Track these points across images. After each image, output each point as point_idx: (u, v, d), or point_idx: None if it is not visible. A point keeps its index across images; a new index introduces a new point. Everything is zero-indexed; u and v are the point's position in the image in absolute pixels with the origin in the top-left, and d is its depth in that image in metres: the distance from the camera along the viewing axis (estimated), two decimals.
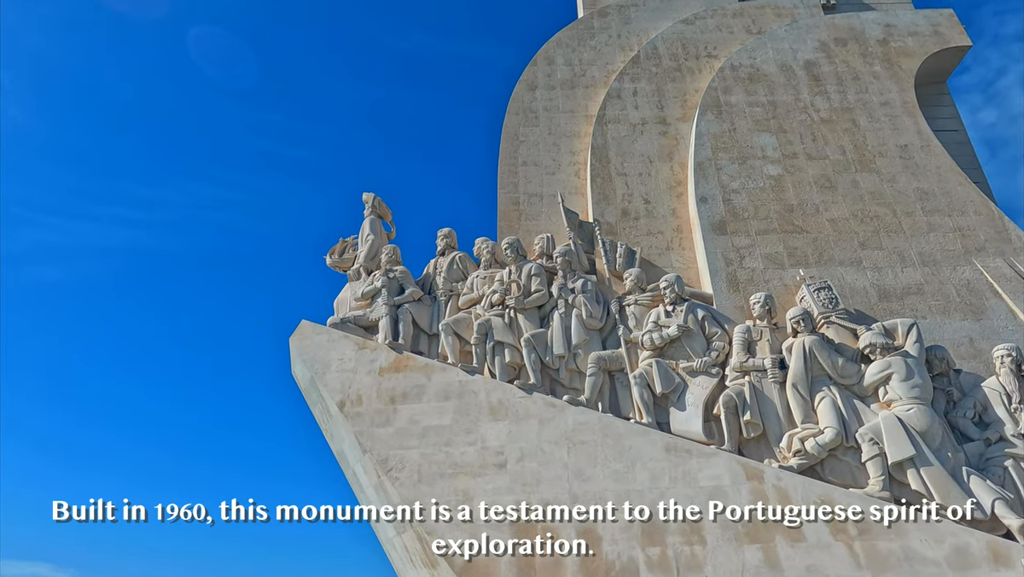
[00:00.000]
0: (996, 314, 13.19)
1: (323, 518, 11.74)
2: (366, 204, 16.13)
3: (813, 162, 15.58)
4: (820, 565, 9.85)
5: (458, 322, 13.57)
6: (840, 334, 12.38)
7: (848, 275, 13.78)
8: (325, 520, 12.33)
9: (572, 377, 12.83)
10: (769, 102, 16.65)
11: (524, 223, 15.57)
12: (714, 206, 14.79)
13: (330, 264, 15.64)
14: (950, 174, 15.28)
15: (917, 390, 11.25)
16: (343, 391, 12.79)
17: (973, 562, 9.68)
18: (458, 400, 12.37)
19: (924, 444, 10.75)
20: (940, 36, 17.95)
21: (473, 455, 11.64)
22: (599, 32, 19.01)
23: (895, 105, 16.57)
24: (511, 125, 17.22)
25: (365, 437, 12.13)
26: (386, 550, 13.26)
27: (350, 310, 14.44)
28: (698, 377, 12.24)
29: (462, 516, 10.90)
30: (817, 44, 17.80)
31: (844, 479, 11.02)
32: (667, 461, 11.14)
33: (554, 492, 11.01)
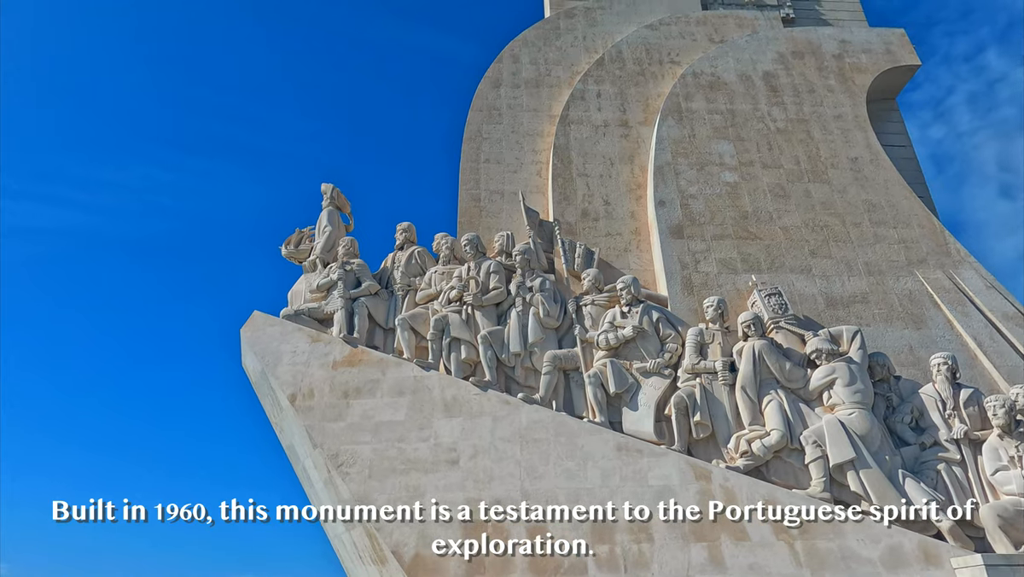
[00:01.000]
0: (935, 324, 13.74)
1: (323, 518, 11.70)
2: (324, 195, 15.88)
3: (768, 171, 15.96)
4: (762, 563, 10.11)
5: (415, 317, 13.47)
6: (788, 339, 12.73)
7: (798, 282, 14.17)
8: (325, 520, 12.18)
9: (527, 375, 12.88)
10: (728, 110, 16.99)
11: (484, 220, 15.55)
12: (672, 210, 15.02)
13: (285, 255, 15.34)
14: (897, 188, 15.85)
15: (859, 395, 11.64)
16: (295, 384, 12.56)
17: (906, 561, 10.07)
18: (412, 396, 12.28)
19: (864, 447, 11.13)
20: (892, 54, 18.58)
21: (426, 451, 11.58)
22: (565, 33, 19.10)
23: (847, 119, 17.10)
24: (474, 122, 17.17)
25: (316, 431, 11.94)
26: (335, 547, 13.09)
27: (304, 302, 14.20)
28: (651, 378, 12.43)
29: (413, 512, 10.84)
30: (776, 56, 18.24)
31: (788, 480, 11.33)
32: (618, 460, 11.28)
33: (506, 489, 11.03)
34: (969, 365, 13.01)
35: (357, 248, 14.83)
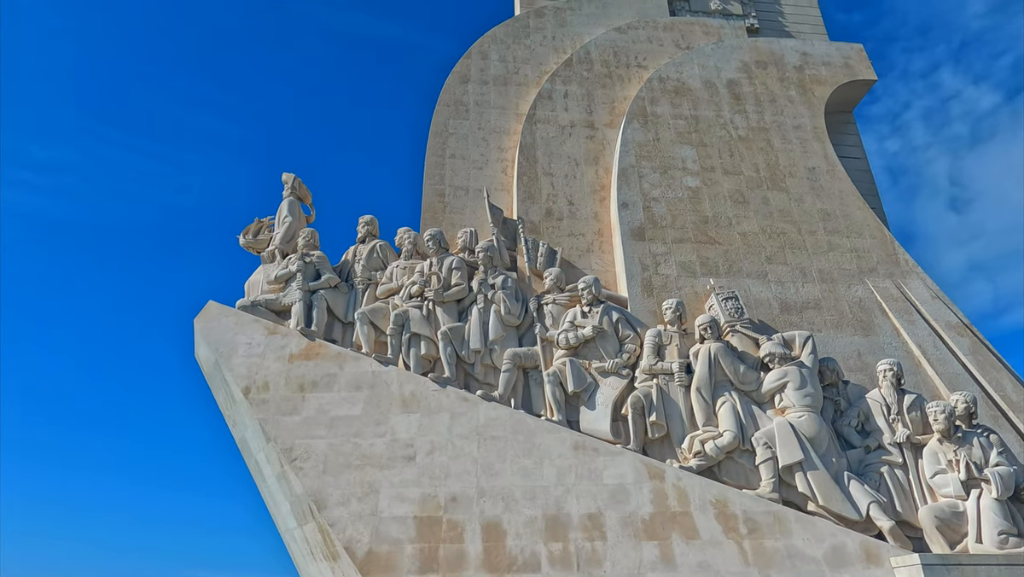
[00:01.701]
0: (883, 331, 14.20)
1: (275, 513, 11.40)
2: (285, 184, 15.61)
3: (729, 177, 16.26)
4: (711, 562, 10.32)
5: (375, 312, 13.34)
6: (743, 342, 13.00)
7: (754, 287, 14.48)
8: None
9: (487, 372, 12.87)
10: (692, 116, 17.25)
11: (448, 216, 15.47)
12: (634, 212, 15.19)
13: (243, 244, 15.02)
14: (851, 198, 16.32)
15: (809, 399, 11.97)
16: (249, 377, 12.32)
17: (848, 560, 10.39)
18: (370, 391, 12.16)
19: (812, 449, 11.45)
20: (850, 68, 19.12)
21: (382, 447, 11.48)
22: (534, 32, 19.12)
23: (806, 129, 17.53)
24: (441, 117, 17.06)
25: (270, 425, 11.73)
26: (286, 542, 12.88)
27: (261, 293, 13.93)
28: (609, 377, 12.55)
29: (367, 508, 10.75)
30: (740, 65, 18.58)
31: (738, 480, 11.58)
32: (574, 458, 11.36)
33: (462, 486, 11.01)
34: (913, 372, 13.50)
35: (317, 240, 14.60)
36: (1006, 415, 12.92)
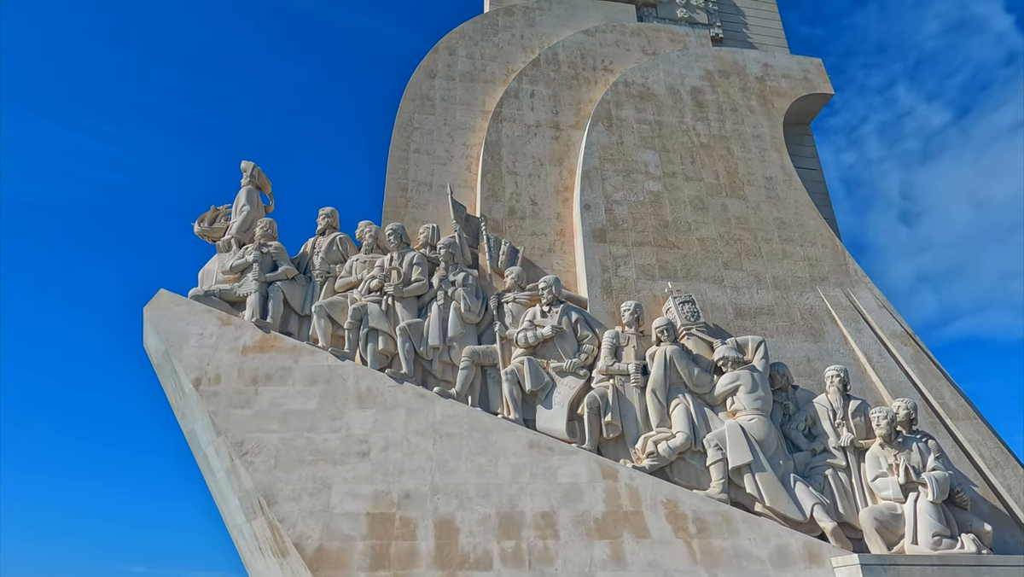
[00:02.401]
0: (831, 338, 14.65)
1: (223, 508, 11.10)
2: (244, 172, 15.27)
3: (690, 183, 16.54)
4: (660, 561, 10.49)
5: (332, 305, 13.16)
6: (698, 346, 13.24)
7: (710, 292, 14.77)
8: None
9: (445, 369, 12.83)
10: (656, 121, 17.49)
11: (410, 211, 15.36)
12: (596, 214, 15.32)
13: (198, 232, 14.64)
14: (805, 208, 16.78)
15: (760, 402, 12.27)
16: (200, 368, 12.02)
17: (792, 560, 10.69)
18: (325, 385, 12.00)
19: (761, 452, 11.74)
20: (809, 82, 19.64)
21: (336, 442, 11.34)
22: (503, 30, 19.11)
23: (765, 139, 17.95)
24: (406, 111, 16.92)
25: (221, 418, 11.47)
26: (233, 538, 12.62)
27: (216, 283, 13.60)
28: (566, 377, 12.64)
29: (319, 504, 10.60)
30: (704, 73, 18.91)
31: (690, 481, 11.79)
32: (530, 457, 11.41)
33: (416, 483, 10.95)
34: (859, 378, 13.96)
35: (276, 230, 14.34)
36: (944, 422, 13.47)
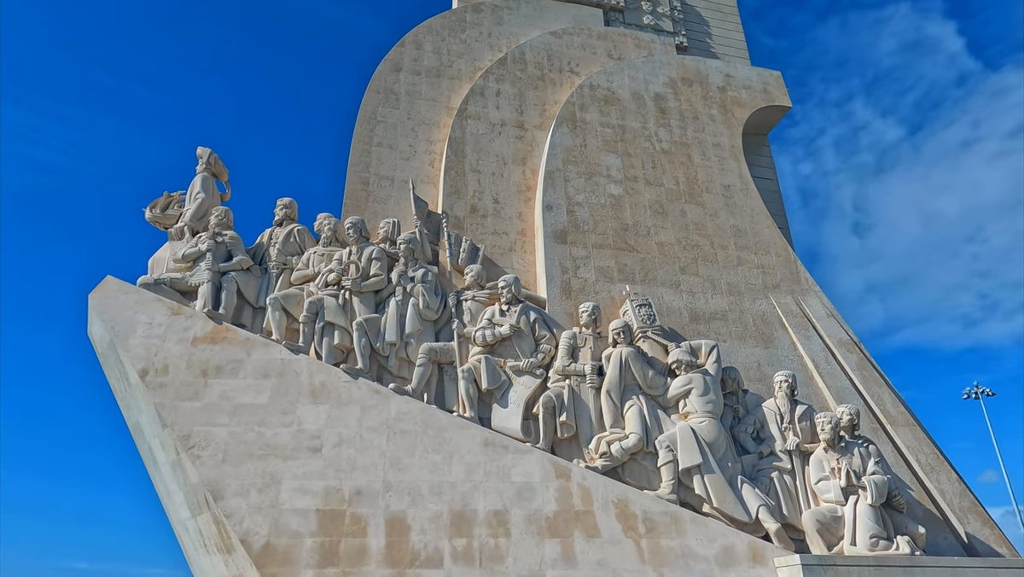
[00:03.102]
0: (782, 344, 15.05)
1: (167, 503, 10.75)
2: (200, 159, 14.88)
3: (650, 188, 16.78)
4: (610, 560, 10.62)
5: (288, 297, 12.93)
6: (653, 348, 13.45)
7: (667, 296, 15.01)
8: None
9: (401, 366, 12.73)
10: (619, 125, 17.68)
11: (371, 205, 15.20)
12: (558, 215, 15.42)
13: (149, 218, 14.21)
14: (761, 217, 17.19)
15: (711, 405, 12.52)
16: (147, 358, 11.67)
17: (736, 560, 10.95)
18: (278, 379, 11.79)
19: (711, 454, 11.99)
20: (768, 94, 20.12)
21: (287, 437, 11.15)
22: (471, 27, 19.06)
23: (725, 148, 18.32)
24: (370, 103, 16.73)
25: (167, 410, 11.17)
26: (177, 533, 12.30)
27: (166, 271, 13.23)
28: (523, 377, 12.69)
29: (267, 500, 10.41)
30: (667, 80, 19.20)
31: (641, 481, 11.97)
32: (484, 455, 11.42)
33: (368, 480, 10.85)
34: (806, 384, 14.38)
35: (231, 219, 14.02)
36: (884, 428, 13.98)
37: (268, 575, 9.78)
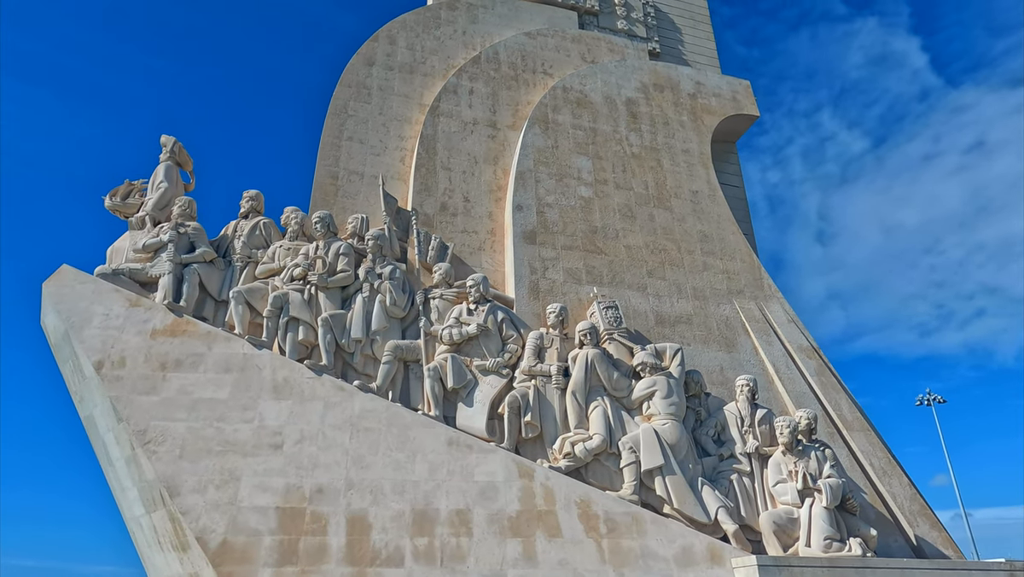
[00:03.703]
0: (744, 349, 15.32)
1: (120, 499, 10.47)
2: (164, 147, 14.54)
3: (620, 191, 16.92)
4: (571, 559, 10.69)
5: (252, 291, 12.71)
6: (619, 350, 13.57)
7: (634, 298, 15.16)
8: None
9: (366, 363, 12.62)
10: (591, 128, 17.79)
11: (340, 200, 15.03)
12: (528, 216, 15.45)
13: (109, 206, 13.84)
14: (727, 223, 17.47)
15: (674, 408, 12.69)
16: (103, 350, 11.36)
17: (695, 560, 11.12)
18: (240, 374, 11.58)
19: (672, 455, 12.15)
20: (737, 102, 20.45)
21: (248, 433, 10.97)
22: (445, 24, 18.98)
23: (694, 154, 18.57)
24: (341, 97, 16.54)
25: (123, 404, 10.89)
26: (130, 530, 12.00)
27: (126, 261, 12.89)
28: (489, 376, 12.69)
29: (225, 496, 10.22)
30: (639, 85, 19.38)
31: (603, 482, 12.07)
32: (448, 454, 11.39)
33: (330, 477, 10.73)
34: (767, 388, 14.66)
35: (195, 210, 13.73)
36: (840, 432, 14.33)
37: (225, 573, 9.61)
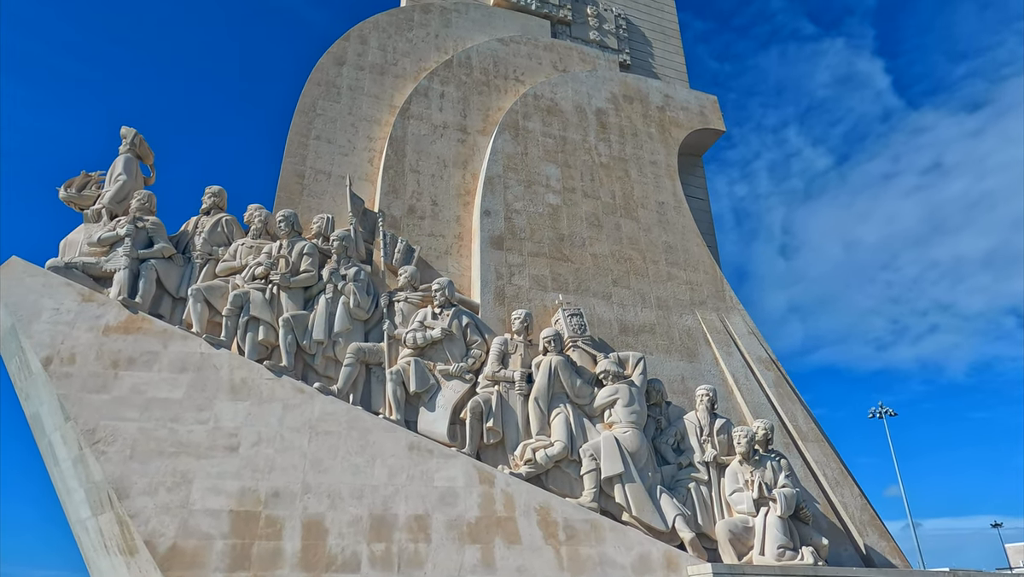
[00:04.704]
0: (705, 359, 15.55)
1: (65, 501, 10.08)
2: (124, 139, 14.15)
3: (587, 200, 17.05)
4: (529, 566, 10.67)
5: (211, 289, 12.43)
6: (583, 358, 13.64)
7: (599, 307, 15.27)
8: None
9: (328, 365, 12.44)
10: (561, 136, 17.91)
11: (305, 199, 14.82)
12: (496, 221, 15.45)
13: (63, 198, 13.39)
14: (691, 235, 17.75)
15: (635, 416, 12.79)
16: (52, 346, 10.98)
17: (652, 568, 11.21)
18: (196, 373, 11.30)
19: (632, 463, 12.24)
20: (704, 117, 20.82)
21: (202, 434, 10.70)
22: (418, 27, 18.92)
23: (661, 166, 18.84)
24: (310, 95, 16.34)
25: (72, 402, 10.52)
26: (75, 533, 11.60)
27: (79, 255, 12.49)
28: (452, 381, 12.62)
29: (177, 499, 9.95)
30: (609, 96, 19.59)
31: (564, 489, 12.09)
32: (408, 459, 11.28)
33: (286, 481, 10.53)
34: (726, 398, 14.90)
35: (154, 204, 13.38)
36: (796, 443, 14.64)
37: None
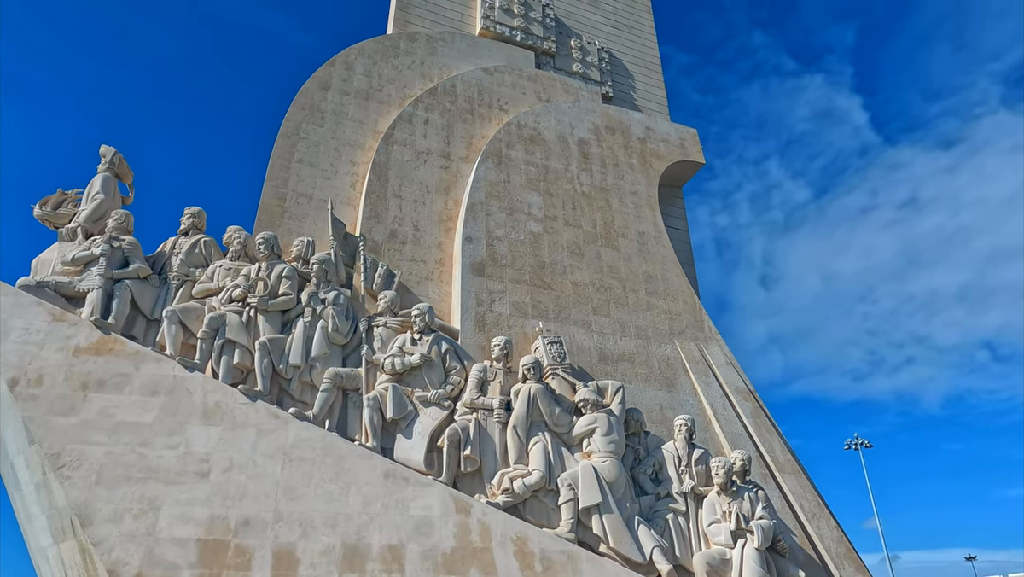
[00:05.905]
0: (683, 389, 15.58)
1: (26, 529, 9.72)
2: (103, 158, 14.01)
3: (569, 228, 17.17)
4: None
5: (187, 311, 12.24)
6: (562, 386, 13.61)
7: (578, 335, 15.28)
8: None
9: (304, 390, 12.26)
10: (543, 165, 18.08)
11: (286, 222, 14.75)
12: (477, 248, 15.48)
13: (38, 216, 13.18)
14: (671, 265, 17.91)
15: (613, 445, 12.74)
16: (19, 367, 10.70)
17: None
18: (168, 397, 11.06)
19: (610, 494, 12.15)
20: (684, 149, 21.18)
21: (172, 460, 10.44)
22: (404, 54, 19.11)
23: (641, 196, 19.06)
24: (294, 119, 16.37)
25: (37, 425, 10.23)
26: (35, 562, 11.17)
27: (52, 274, 12.26)
28: (430, 408, 12.50)
29: (143, 527, 9.65)
30: (592, 126, 19.87)
31: (541, 519, 11.95)
32: (383, 487, 11.09)
33: (257, 508, 10.28)
34: (704, 428, 14.91)
35: (132, 224, 13.22)
36: (773, 474, 14.65)
37: None
